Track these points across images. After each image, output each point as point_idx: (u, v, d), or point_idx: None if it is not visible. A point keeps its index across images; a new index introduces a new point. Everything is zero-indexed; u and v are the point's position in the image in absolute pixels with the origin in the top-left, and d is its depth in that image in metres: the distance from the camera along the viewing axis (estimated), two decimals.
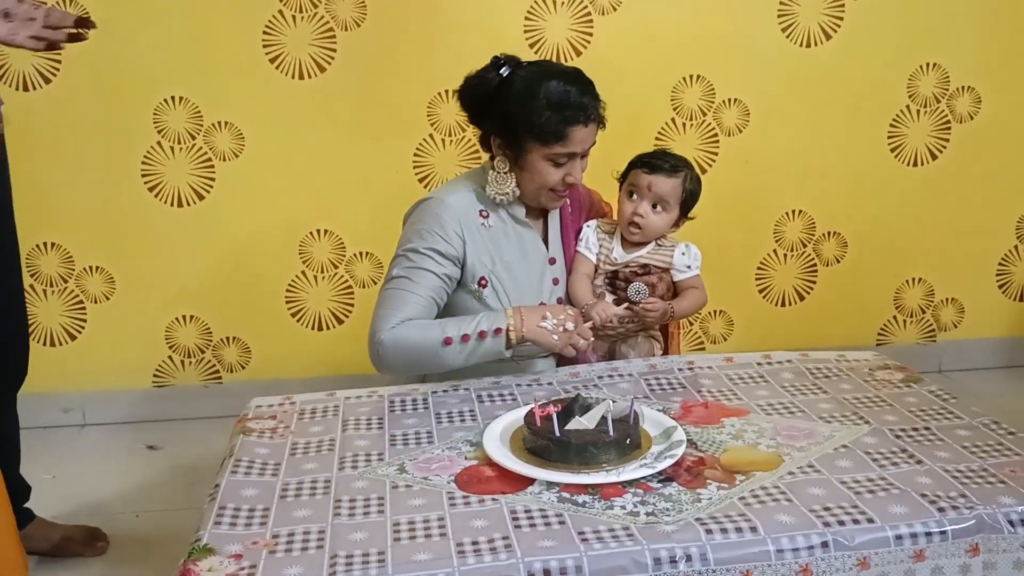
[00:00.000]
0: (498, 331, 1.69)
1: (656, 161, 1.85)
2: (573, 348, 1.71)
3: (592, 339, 1.75)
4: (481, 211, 1.82)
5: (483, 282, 1.80)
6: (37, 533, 2.09)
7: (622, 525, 1.18)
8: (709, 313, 3.05)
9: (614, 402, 1.41)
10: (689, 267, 1.89)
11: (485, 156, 1.87)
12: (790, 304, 3.11)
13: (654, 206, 1.84)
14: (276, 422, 1.56)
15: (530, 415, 1.42)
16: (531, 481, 1.31)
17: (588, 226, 1.93)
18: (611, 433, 1.35)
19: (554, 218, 1.92)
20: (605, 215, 2.01)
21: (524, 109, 1.72)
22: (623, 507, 1.23)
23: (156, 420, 2.89)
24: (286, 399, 1.67)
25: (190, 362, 2.91)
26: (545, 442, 1.36)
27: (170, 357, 2.90)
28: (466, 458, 1.40)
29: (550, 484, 1.30)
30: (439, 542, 1.16)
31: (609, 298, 1.86)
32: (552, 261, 1.90)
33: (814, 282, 3.10)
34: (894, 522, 1.18)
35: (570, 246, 1.93)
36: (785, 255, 3.06)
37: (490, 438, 1.43)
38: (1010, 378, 3.15)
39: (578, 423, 1.38)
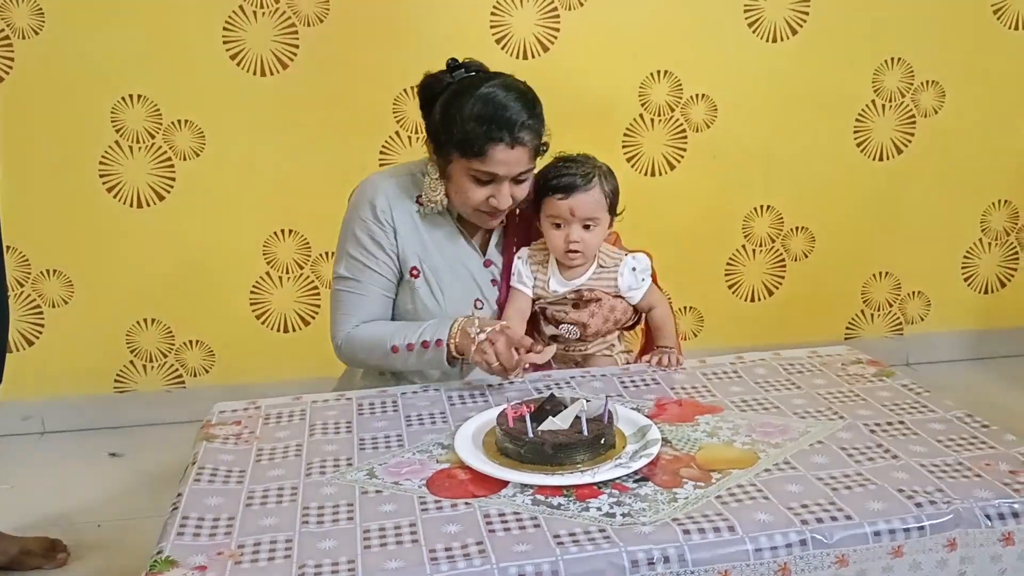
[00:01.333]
0: (439, 343, 1.65)
1: (565, 181, 1.68)
2: (489, 368, 1.59)
3: (518, 370, 1.60)
4: (418, 197, 1.77)
5: (414, 272, 1.76)
6: None
7: (598, 527, 1.16)
8: (679, 309, 3.04)
9: (588, 401, 1.39)
10: (643, 281, 1.77)
11: None
12: (759, 299, 3.11)
13: (584, 227, 1.70)
14: (241, 427, 1.52)
15: (502, 416, 1.39)
16: (504, 483, 1.28)
17: (519, 257, 1.80)
18: (585, 433, 1.33)
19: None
20: None
21: (451, 116, 1.64)
22: (599, 508, 1.21)
23: (118, 427, 2.82)
24: (251, 404, 1.62)
25: (152, 367, 2.84)
26: (518, 444, 1.33)
27: (131, 362, 2.83)
28: (437, 461, 1.37)
29: (524, 486, 1.27)
30: (411, 549, 1.12)
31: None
32: (488, 264, 1.82)
33: (783, 277, 3.10)
34: (872, 518, 1.16)
35: (510, 252, 1.83)
36: (754, 250, 3.06)
37: (462, 440, 1.40)
38: (976, 370, 3.18)
39: (551, 423, 1.36)
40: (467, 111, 1.62)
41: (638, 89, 2.83)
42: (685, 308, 3.07)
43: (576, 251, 1.71)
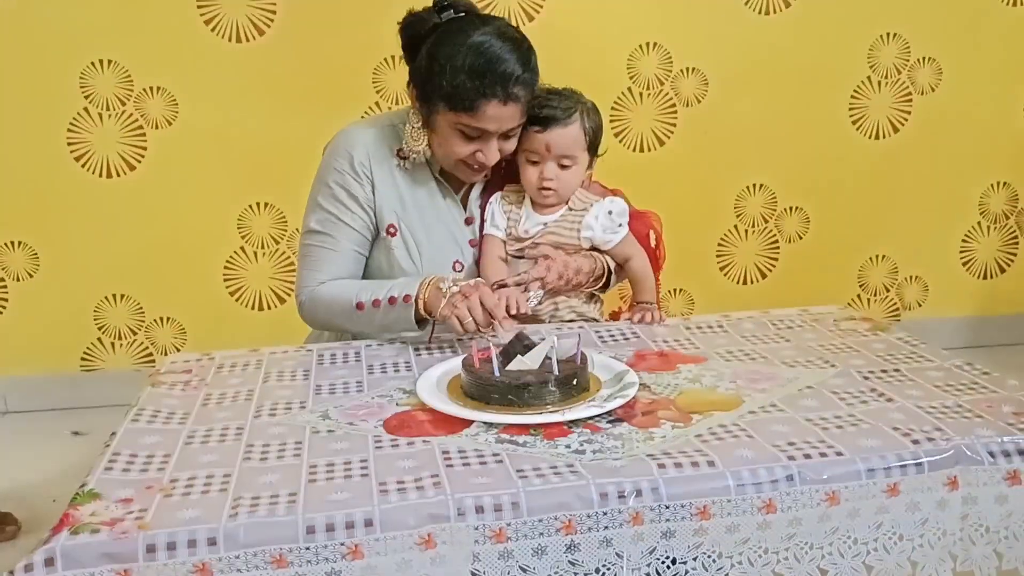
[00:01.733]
0: (407, 298, 1.51)
1: (545, 113, 1.57)
2: (461, 324, 1.44)
3: (501, 312, 1.43)
4: (399, 150, 1.65)
5: (392, 230, 1.64)
6: None
7: (566, 463, 1.05)
8: (668, 291, 2.95)
9: (558, 339, 1.29)
10: (620, 227, 1.64)
11: None
12: (752, 282, 3.02)
13: (561, 165, 1.60)
14: (191, 376, 1.42)
15: (468, 358, 1.29)
16: (468, 424, 1.18)
17: (492, 200, 1.68)
18: (556, 373, 1.23)
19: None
20: None
21: (440, 66, 1.51)
22: (568, 446, 1.11)
23: (84, 407, 2.71)
24: (205, 355, 1.52)
25: (120, 344, 2.74)
26: (484, 384, 1.23)
27: (99, 339, 2.73)
28: (397, 404, 1.27)
29: (489, 426, 1.17)
30: (360, 482, 1.02)
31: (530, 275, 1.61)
32: (469, 221, 1.70)
33: (776, 259, 3.01)
34: (865, 454, 1.06)
35: None
36: (746, 231, 2.97)
37: (425, 383, 1.30)
38: (975, 358, 3.04)
39: (520, 363, 1.26)
40: (458, 61, 1.49)
41: (626, 61, 2.75)
42: (675, 291, 2.97)
43: (550, 188, 1.61)
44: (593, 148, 1.64)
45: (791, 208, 2.97)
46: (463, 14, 1.58)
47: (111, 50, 2.54)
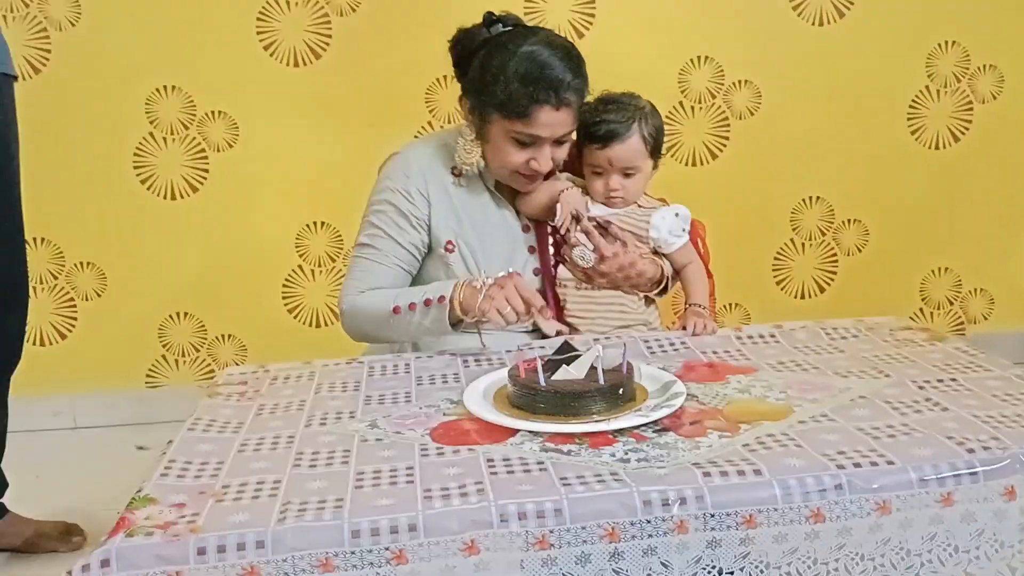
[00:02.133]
0: (441, 299, 1.53)
1: (603, 130, 1.61)
2: (501, 315, 1.46)
3: (540, 307, 1.47)
4: (453, 169, 1.69)
5: (450, 246, 1.67)
6: (9, 529, 2.00)
7: (610, 470, 1.05)
8: (724, 306, 2.92)
9: (603, 347, 1.29)
10: (684, 231, 1.69)
11: None
12: (810, 296, 2.97)
13: (625, 175, 1.64)
14: (246, 387, 1.45)
15: (514, 368, 1.30)
16: (513, 433, 1.18)
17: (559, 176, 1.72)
18: (602, 382, 1.23)
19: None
20: None
21: (493, 76, 1.55)
22: (612, 455, 1.10)
23: (149, 422, 2.79)
24: (260, 367, 1.56)
25: (184, 361, 2.81)
26: (530, 394, 1.23)
27: (163, 356, 2.81)
28: (444, 414, 1.28)
29: (534, 435, 1.17)
30: (405, 488, 1.03)
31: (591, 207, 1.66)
32: (526, 229, 1.73)
33: (835, 273, 2.96)
34: (918, 463, 1.04)
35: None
36: (803, 244, 2.93)
37: (472, 394, 1.31)
38: None
39: (565, 372, 1.26)
40: (510, 70, 1.53)
41: (678, 75, 2.74)
42: (730, 305, 2.94)
43: (617, 197, 1.66)
44: (656, 152, 1.67)
45: (849, 221, 2.92)
46: (512, 27, 1.63)
47: (175, 76, 2.63)
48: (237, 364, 2.81)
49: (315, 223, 2.76)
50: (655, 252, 1.71)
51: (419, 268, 1.71)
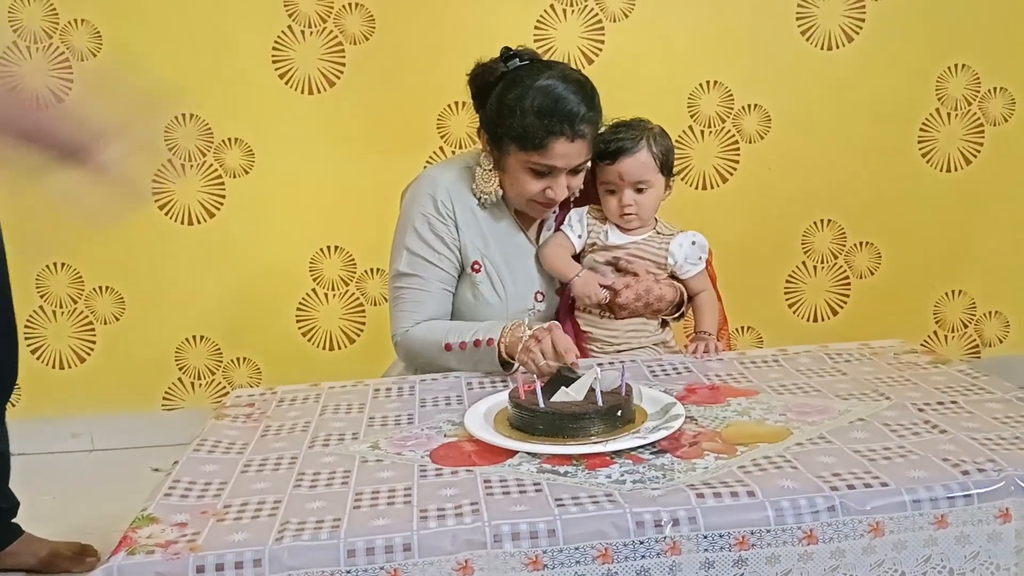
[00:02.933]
0: (490, 342, 1.57)
1: (612, 146, 1.67)
2: (534, 365, 1.48)
3: (572, 355, 1.46)
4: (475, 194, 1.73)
5: (476, 266, 1.71)
6: (24, 549, 2.02)
7: (604, 492, 1.06)
8: (736, 329, 2.92)
9: (601, 368, 1.30)
10: (700, 259, 1.74)
11: None
12: (822, 319, 2.96)
13: (637, 190, 1.69)
14: (253, 409, 1.48)
15: (514, 391, 1.31)
16: (512, 454, 1.20)
17: (576, 210, 1.77)
18: (600, 403, 1.24)
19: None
20: None
21: (509, 109, 1.60)
22: (608, 476, 1.12)
23: (165, 445, 2.81)
24: (268, 389, 1.59)
25: (200, 384, 2.85)
26: (529, 415, 1.25)
27: (180, 379, 2.84)
28: (445, 435, 1.30)
29: (532, 456, 1.19)
30: (402, 509, 1.05)
31: (606, 272, 1.72)
32: None
33: (847, 295, 2.95)
34: (911, 485, 1.04)
35: None
36: (815, 267, 2.92)
37: (472, 415, 1.33)
38: None
39: (564, 395, 1.28)
40: (526, 104, 1.58)
41: (687, 100, 2.76)
42: (743, 328, 2.94)
43: (631, 214, 1.69)
44: (666, 170, 1.72)
45: (861, 243, 2.91)
46: (528, 61, 1.68)
47: (193, 104, 2.68)
48: (252, 387, 2.85)
49: (329, 247, 2.79)
50: (672, 276, 1.75)
51: None
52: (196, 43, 2.65)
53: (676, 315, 1.78)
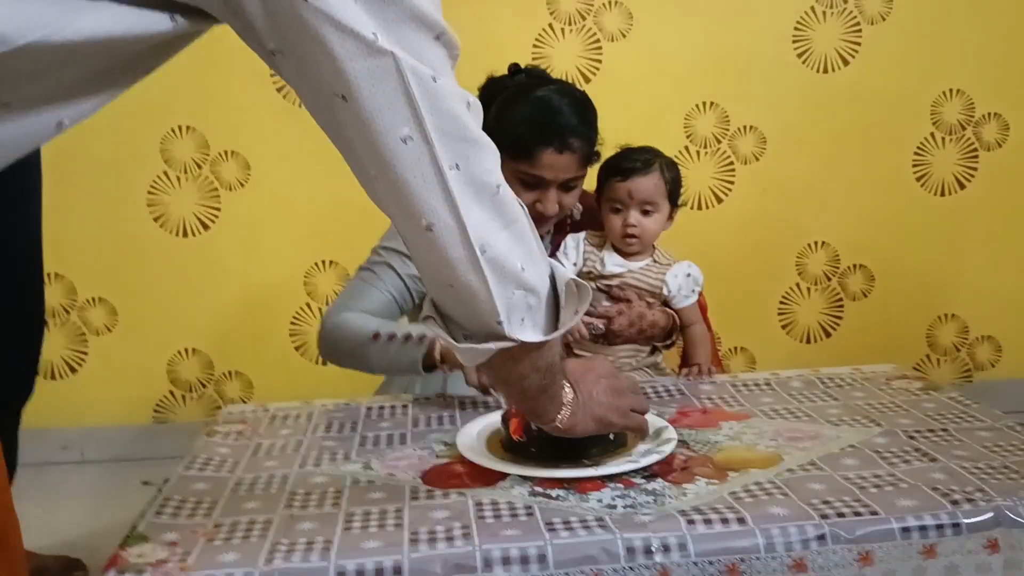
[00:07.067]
0: (422, 338, 1.53)
1: (626, 164, 1.68)
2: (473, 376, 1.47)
3: None
4: None
5: None
6: None
7: (595, 516, 1.06)
8: (729, 350, 2.92)
9: None
10: (694, 291, 1.73)
11: None
12: (815, 340, 2.97)
13: (643, 212, 1.69)
14: (245, 426, 1.48)
15: (507, 413, 1.31)
16: (504, 476, 1.20)
17: (572, 237, 1.76)
18: None
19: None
20: None
21: (505, 118, 1.62)
22: (600, 500, 1.12)
23: (156, 457, 2.80)
24: (260, 406, 1.59)
25: (191, 397, 2.84)
26: (520, 439, 1.25)
27: (171, 392, 2.83)
28: (437, 456, 1.30)
29: (524, 479, 1.19)
30: (392, 532, 1.05)
31: (599, 300, 1.73)
32: None
33: (840, 317, 2.96)
34: (900, 514, 1.05)
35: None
36: (809, 288, 2.94)
37: (464, 436, 1.32)
38: None
39: None
40: (519, 113, 1.61)
41: (683, 120, 2.78)
42: (736, 349, 2.95)
43: (633, 235, 1.69)
44: (673, 198, 1.72)
45: (855, 266, 2.93)
46: (536, 80, 1.71)
47: (189, 117, 2.68)
48: (244, 401, 2.84)
49: (323, 262, 2.79)
50: (664, 304, 1.75)
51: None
52: (193, 56, 2.60)
53: (667, 343, 1.78)
